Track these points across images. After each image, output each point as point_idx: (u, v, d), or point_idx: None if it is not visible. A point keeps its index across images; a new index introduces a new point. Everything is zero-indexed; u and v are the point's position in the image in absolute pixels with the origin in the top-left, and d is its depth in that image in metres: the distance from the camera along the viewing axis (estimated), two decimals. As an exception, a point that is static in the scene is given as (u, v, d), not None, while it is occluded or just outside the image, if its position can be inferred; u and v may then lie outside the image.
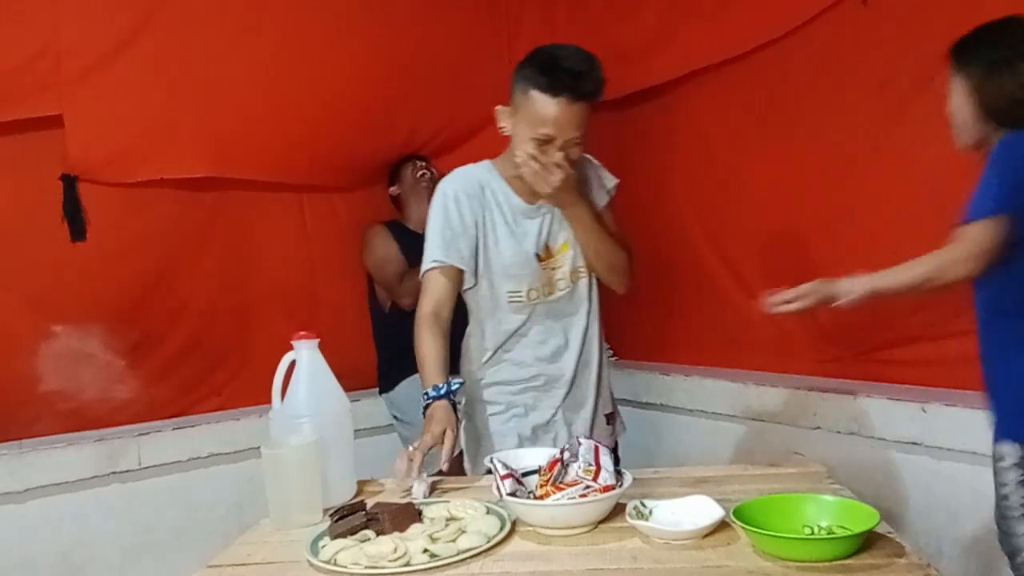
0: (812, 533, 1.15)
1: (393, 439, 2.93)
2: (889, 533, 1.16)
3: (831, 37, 2.35)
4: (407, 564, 1.16)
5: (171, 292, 2.67)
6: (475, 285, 1.81)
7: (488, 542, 1.21)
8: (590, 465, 1.32)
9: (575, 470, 1.32)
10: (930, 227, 2.14)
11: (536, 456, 1.45)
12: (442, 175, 3.01)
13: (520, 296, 1.81)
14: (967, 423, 2.02)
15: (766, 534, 1.12)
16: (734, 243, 2.76)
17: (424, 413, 1.65)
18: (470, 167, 1.86)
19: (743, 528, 1.15)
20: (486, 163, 1.86)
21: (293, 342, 1.51)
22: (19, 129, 2.39)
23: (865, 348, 2.40)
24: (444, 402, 1.64)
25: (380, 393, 2.93)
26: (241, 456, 2.59)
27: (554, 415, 1.84)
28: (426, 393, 1.67)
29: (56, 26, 2.39)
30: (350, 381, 1.60)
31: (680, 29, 2.76)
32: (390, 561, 1.16)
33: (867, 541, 1.12)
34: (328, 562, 1.19)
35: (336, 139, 2.83)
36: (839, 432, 2.35)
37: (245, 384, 2.75)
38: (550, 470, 1.35)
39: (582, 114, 1.65)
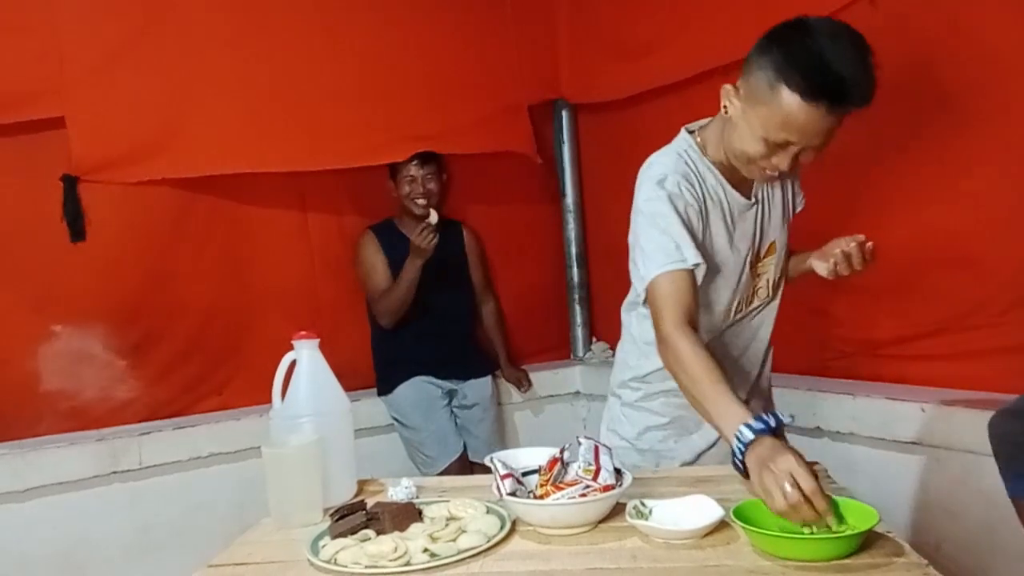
0: (812, 533, 1.16)
1: (393, 439, 2.93)
2: (889, 533, 1.16)
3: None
4: (407, 564, 1.16)
5: (171, 292, 2.68)
6: None
7: (488, 542, 1.21)
8: (590, 465, 1.32)
9: (575, 470, 1.32)
10: (942, 226, 2.16)
11: (536, 456, 1.45)
12: (443, 188, 2.98)
13: (725, 315, 1.57)
14: (966, 423, 2.03)
15: (766, 534, 1.12)
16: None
17: (744, 455, 1.23)
18: (677, 150, 1.53)
19: (743, 528, 1.15)
20: (688, 141, 1.53)
21: (293, 342, 1.51)
22: (20, 130, 2.39)
23: (871, 345, 2.40)
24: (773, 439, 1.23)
25: (379, 395, 2.94)
26: (241, 456, 2.59)
27: (719, 438, 1.55)
28: (748, 426, 1.24)
29: (58, 28, 2.40)
30: (350, 381, 1.60)
31: (685, 29, 2.76)
32: (390, 561, 1.16)
33: (867, 541, 1.12)
34: (328, 562, 1.19)
35: (338, 137, 2.83)
36: (839, 432, 2.35)
37: (245, 384, 2.76)
38: (550, 470, 1.35)
39: (837, 121, 1.35)
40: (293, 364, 1.51)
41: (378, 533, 1.26)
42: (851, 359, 2.46)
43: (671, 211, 1.43)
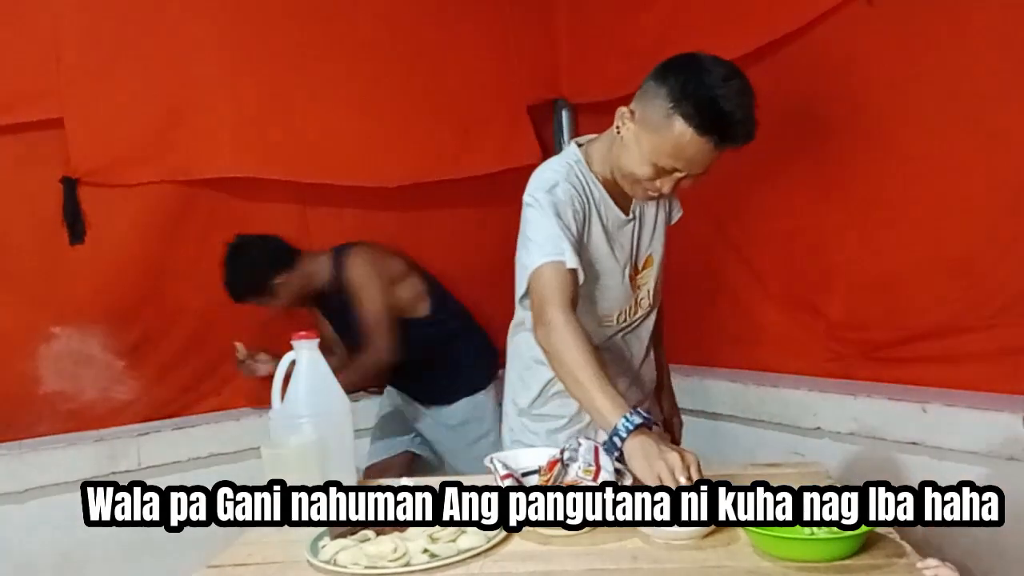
0: (812, 533, 1.15)
1: (393, 439, 2.93)
2: (889, 533, 1.16)
3: (838, 37, 2.34)
4: (407, 564, 1.16)
5: (171, 292, 2.67)
6: None
7: (488, 542, 1.21)
8: (590, 465, 1.32)
9: (575, 470, 1.32)
10: (944, 228, 2.15)
11: (536, 456, 1.45)
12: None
13: (610, 321, 1.66)
14: (967, 423, 2.02)
15: (766, 534, 1.12)
16: (738, 242, 2.75)
17: (623, 445, 1.30)
18: (567, 160, 1.61)
19: (743, 528, 1.15)
20: (577, 154, 1.62)
21: (293, 342, 1.51)
22: (19, 131, 2.39)
23: (867, 347, 2.40)
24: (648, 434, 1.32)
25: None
26: (241, 456, 2.58)
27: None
28: (632, 415, 1.31)
29: (57, 30, 2.40)
30: (350, 381, 1.60)
31: (686, 28, 2.76)
32: (390, 561, 1.16)
33: (867, 541, 1.12)
34: (328, 562, 1.19)
35: (340, 137, 2.83)
36: (839, 432, 2.35)
37: (245, 384, 2.75)
38: (550, 470, 1.35)
39: (719, 155, 1.47)
40: (293, 364, 1.51)
41: (377, 534, 1.26)
42: (845, 361, 2.45)
43: (556, 216, 1.51)
